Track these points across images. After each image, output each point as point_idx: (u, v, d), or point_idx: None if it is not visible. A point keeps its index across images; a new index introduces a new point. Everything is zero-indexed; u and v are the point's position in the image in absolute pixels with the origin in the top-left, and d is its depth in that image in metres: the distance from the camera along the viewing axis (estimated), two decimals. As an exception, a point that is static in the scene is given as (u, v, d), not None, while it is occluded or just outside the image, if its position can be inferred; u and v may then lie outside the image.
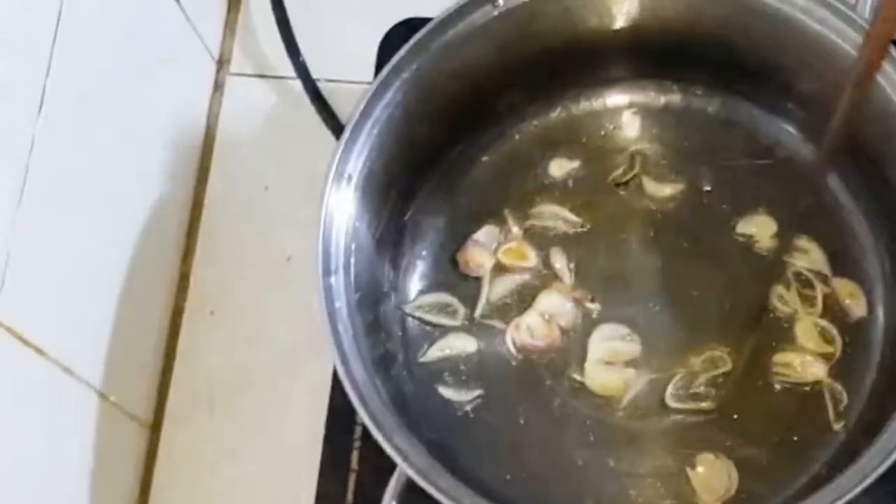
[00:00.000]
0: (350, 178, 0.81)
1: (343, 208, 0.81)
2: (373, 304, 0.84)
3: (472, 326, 0.88)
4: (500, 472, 0.84)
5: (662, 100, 0.91)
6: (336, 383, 0.88)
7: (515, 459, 0.84)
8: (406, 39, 0.83)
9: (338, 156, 0.81)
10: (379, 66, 0.91)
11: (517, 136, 0.91)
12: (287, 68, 0.97)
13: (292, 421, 0.92)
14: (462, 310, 0.88)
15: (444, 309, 0.88)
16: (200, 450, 0.92)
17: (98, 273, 0.86)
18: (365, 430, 0.85)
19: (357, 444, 0.87)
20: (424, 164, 0.88)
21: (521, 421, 0.85)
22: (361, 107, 0.81)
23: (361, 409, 0.76)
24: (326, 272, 0.80)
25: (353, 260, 0.81)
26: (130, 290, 0.88)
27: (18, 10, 0.72)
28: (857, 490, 0.72)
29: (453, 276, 0.89)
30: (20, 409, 0.75)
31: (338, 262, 0.80)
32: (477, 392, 0.86)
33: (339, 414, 0.88)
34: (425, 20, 0.83)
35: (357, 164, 0.82)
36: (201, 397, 0.93)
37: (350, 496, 0.86)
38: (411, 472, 0.75)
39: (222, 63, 1.01)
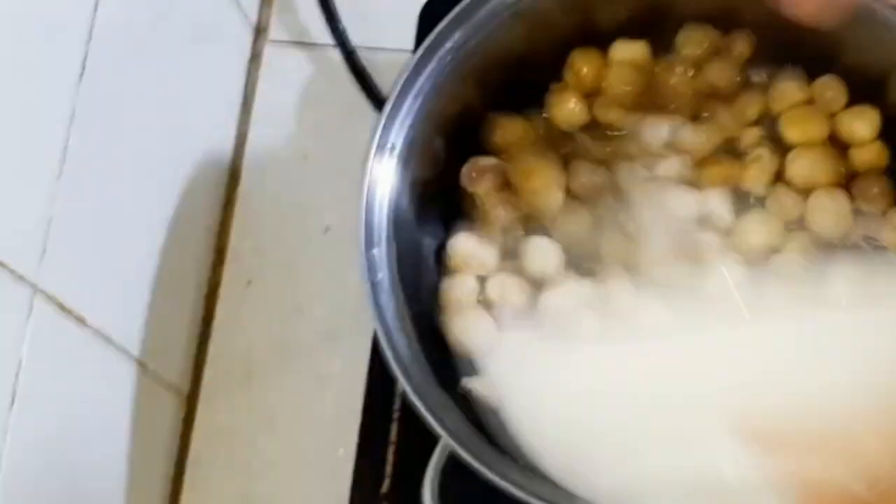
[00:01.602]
0: (393, 148, 0.80)
1: (385, 179, 0.80)
2: (416, 276, 0.83)
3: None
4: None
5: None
6: (375, 355, 0.87)
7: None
8: (448, 6, 0.81)
9: (381, 126, 0.80)
10: (420, 35, 0.90)
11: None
12: (325, 36, 0.96)
13: (330, 393, 0.91)
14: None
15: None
16: (237, 421, 0.92)
17: (136, 243, 0.85)
18: (404, 403, 0.85)
19: (396, 415, 0.86)
20: (468, 133, 0.87)
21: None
22: (405, 76, 0.80)
23: (405, 382, 0.75)
24: (369, 244, 0.79)
25: (395, 232, 0.80)
26: (168, 259, 0.88)
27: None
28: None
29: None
30: (60, 376, 0.75)
31: (380, 234, 0.80)
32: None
33: (378, 386, 0.87)
34: (467, -12, 0.82)
35: (400, 134, 0.81)
36: (238, 368, 0.93)
37: (389, 468, 0.86)
38: (454, 446, 0.74)
39: (260, 31, 1.00)
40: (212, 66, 0.95)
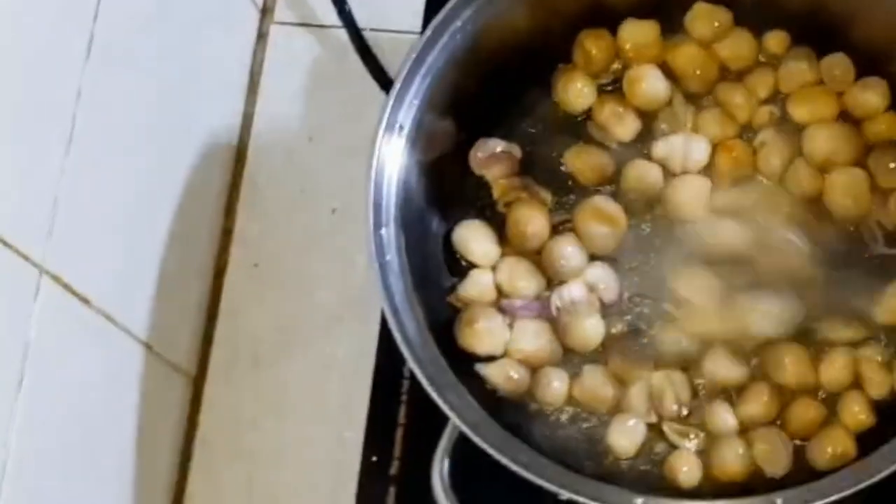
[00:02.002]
0: (402, 128, 0.80)
1: (394, 160, 0.80)
2: (424, 257, 0.83)
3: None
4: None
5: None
6: (383, 338, 0.87)
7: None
8: (455, -12, 0.81)
9: (389, 106, 0.79)
10: (427, 15, 0.90)
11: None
12: (332, 17, 0.95)
13: (337, 375, 0.91)
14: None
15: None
16: (244, 403, 0.92)
17: (142, 224, 0.85)
18: (412, 385, 0.85)
19: (404, 397, 0.86)
20: (477, 114, 0.86)
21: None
22: (414, 55, 0.80)
23: (414, 362, 0.75)
24: (377, 224, 0.78)
25: (403, 213, 0.80)
26: (175, 241, 0.87)
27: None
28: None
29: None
30: (65, 357, 0.75)
31: (388, 215, 0.79)
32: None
33: (386, 368, 0.87)
34: (475, -32, 0.82)
35: (409, 114, 0.80)
36: (245, 350, 0.93)
37: (397, 451, 0.85)
38: (463, 427, 0.74)
39: (266, 12, 1.00)
40: (218, 47, 0.95)
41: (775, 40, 0.86)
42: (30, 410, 0.70)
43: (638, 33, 0.86)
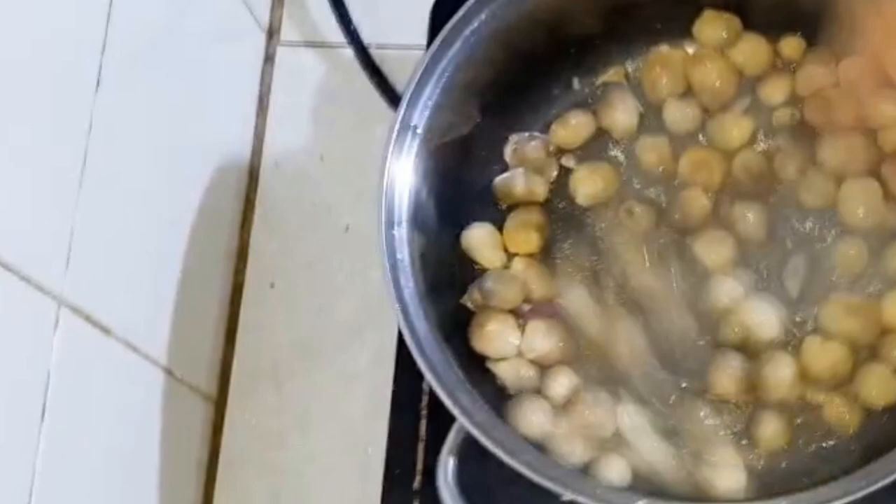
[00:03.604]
0: (416, 129, 0.80)
1: (407, 160, 0.80)
2: (437, 258, 0.83)
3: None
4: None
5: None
6: (401, 351, 0.87)
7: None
8: (460, 2, 0.81)
9: (404, 106, 0.80)
10: (432, 31, 0.90)
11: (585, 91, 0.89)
12: (337, 36, 0.96)
13: (357, 390, 0.92)
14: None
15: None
16: (266, 423, 0.92)
17: (158, 250, 0.86)
18: (432, 399, 0.85)
19: (425, 411, 0.86)
20: (492, 116, 0.87)
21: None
22: (429, 56, 0.80)
23: (422, 361, 0.76)
24: (389, 224, 0.79)
25: (416, 213, 0.81)
26: (190, 265, 0.88)
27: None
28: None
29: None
30: (89, 387, 0.76)
31: (401, 215, 0.80)
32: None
33: (406, 383, 0.87)
34: (477, -18, 0.82)
35: (423, 115, 0.81)
36: (265, 370, 0.93)
37: (420, 465, 0.86)
38: (468, 426, 0.74)
39: (272, 33, 1.00)
40: (226, 69, 0.95)
41: (791, 45, 0.86)
42: (54, 438, 0.71)
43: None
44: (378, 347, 0.91)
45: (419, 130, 0.81)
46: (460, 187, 0.86)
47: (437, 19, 0.90)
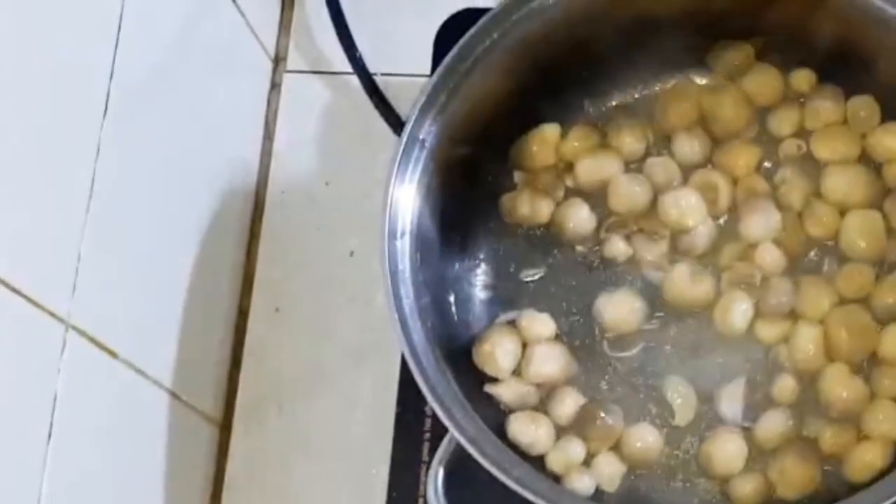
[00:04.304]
0: (423, 142, 0.81)
1: (413, 174, 0.81)
2: (439, 271, 0.84)
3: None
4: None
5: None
6: (404, 376, 0.88)
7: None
8: (463, 30, 0.82)
9: (412, 121, 0.80)
10: (436, 58, 0.91)
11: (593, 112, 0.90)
12: (343, 64, 0.97)
13: (361, 414, 0.92)
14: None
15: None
16: (271, 447, 0.93)
17: (164, 274, 0.86)
18: (435, 422, 0.85)
19: (427, 436, 0.87)
20: (501, 134, 0.88)
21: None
22: (441, 71, 0.81)
23: (417, 371, 0.76)
24: (392, 234, 0.80)
25: (419, 226, 0.81)
26: (197, 288, 0.89)
27: (82, 16, 0.72)
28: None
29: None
30: (95, 410, 0.76)
31: (404, 227, 0.80)
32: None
33: (409, 406, 0.88)
34: (481, 10, 0.83)
35: (431, 129, 0.81)
36: (270, 395, 0.94)
37: (423, 488, 0.86)
38: (460, 438, 0.75)
39: (278, 61, 1.01)
40: (233, 97, 0.96)
41: (802, 78, 0.87)
42: (60, 460, 0.72)
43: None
44: (382, 371, 0.91)
45: (427, 144, 0.82)
46: (465, 203, 0.87)
47: (441, 47, 0.91)
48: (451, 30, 0.91)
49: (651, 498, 0.82)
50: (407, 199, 0.81)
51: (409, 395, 0.87)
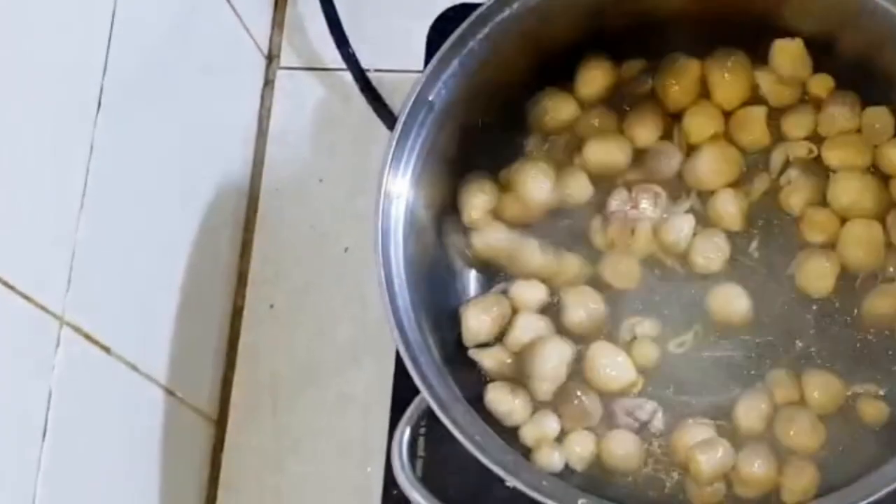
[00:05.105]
0: (417, 138, 0.81)
1: (406, 170, 0.81)
2: (431, 265, 0.84)
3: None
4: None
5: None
6: (399, 373, 0.88)
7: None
8: (455, 26, 0.82)
9: (405, 114, 0.80)
10: (429, 54, 0.91)
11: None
12: (336, 60, 0.97)
13: (356, 412, 0.92)
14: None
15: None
16: (266, 444, 0.93)
17: (158, 271, 0.86)
18: (430, 418, 0.85)
19: (423, 430, 0.87)
20: (496, 125, 0.88)
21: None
22: (437, 59, 0.81)
23: (400, 341, 0.77)
24: (385, 231, 0.80)
25: (412, 219, 0.81)
26: (191, 286, 0.89)
27: (75, 12, 0.73)
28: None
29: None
30: (90, 406, 0.76)
31: (397, 220, 0.81)
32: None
33: (404, 403, 0.87)
34: (473, 6, 0.83)
35: (424, 121, 0.81)
36: (264, 392, 0.94)
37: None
38: (431, 401, 0.76)
39: (271, 58, 1.01)
40: (226, 94, 0.96)
41: (820, 83, 0.86)
42: (55, 456, 0.72)
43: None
44: (377, 368, 0.91)
45: (420, 140, 0.82)
46: (456, 195, 0.87)
47: (434, 43, 0.91)
48: (444, 26, 0.91)
49: (617, 482, 0.82)
50: (399, 193, 0.81)
51: (404, 392, 0.86)
